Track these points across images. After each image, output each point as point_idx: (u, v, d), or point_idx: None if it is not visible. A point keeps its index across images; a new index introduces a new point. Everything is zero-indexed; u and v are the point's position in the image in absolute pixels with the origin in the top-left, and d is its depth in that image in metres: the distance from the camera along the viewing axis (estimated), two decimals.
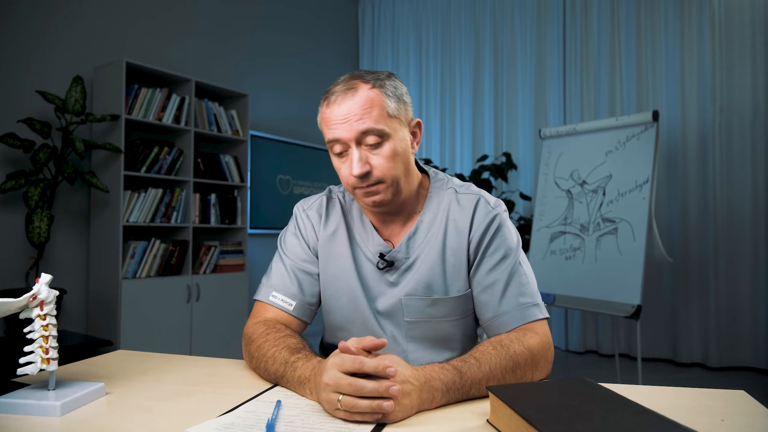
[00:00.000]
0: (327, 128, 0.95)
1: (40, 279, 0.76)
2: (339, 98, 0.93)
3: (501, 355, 0.83)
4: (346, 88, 0.93)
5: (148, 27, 3.34)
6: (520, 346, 0.86)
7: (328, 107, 0.94)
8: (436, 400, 0.75)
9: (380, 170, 0.93)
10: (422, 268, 0.99)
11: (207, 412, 0.73)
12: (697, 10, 3.66)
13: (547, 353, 0.91)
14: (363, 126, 0.91)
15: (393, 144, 0.94)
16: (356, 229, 1.05)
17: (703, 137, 3.65)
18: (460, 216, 1.00)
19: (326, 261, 1.04)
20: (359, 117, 0.91)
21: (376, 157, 0.93)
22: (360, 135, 0.92)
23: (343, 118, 0.92)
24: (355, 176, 0.92)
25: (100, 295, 2.91)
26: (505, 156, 4.15)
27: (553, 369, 0.99)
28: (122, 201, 2.85)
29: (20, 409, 0.72)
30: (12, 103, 2.66)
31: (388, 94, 0.95)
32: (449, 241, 0.99)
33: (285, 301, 1.01)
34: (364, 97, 0.92)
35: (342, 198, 1.09)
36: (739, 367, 3.49)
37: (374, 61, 5.21)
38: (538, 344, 0.89)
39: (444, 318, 0.99)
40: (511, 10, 4.48)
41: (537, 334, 0.91)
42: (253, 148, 3.93)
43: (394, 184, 0.96)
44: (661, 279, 3.73)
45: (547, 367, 0.91)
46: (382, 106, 0.93)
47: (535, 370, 0.88)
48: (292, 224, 1.09)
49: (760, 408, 0.72)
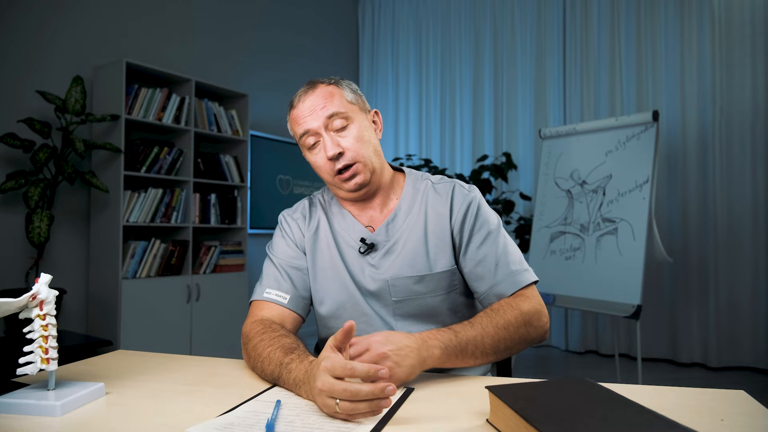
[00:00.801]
0: (297, 125, 1.05)
1: (40, 279, 0.76)
2: (302, 97, 1.05)
3: (492, 317, 0.95)
4: (306, 89, 1.06)
5: (147, 27, 3.34)
6: (511, 310, 0.97)
7: (294, 108, 1.06)
8: (434, 357, 0.86)
9: (351, 150, 1.02)
10: (405, 249, 1.05)
11: (207, 412, 0.73)
12: (697, 10, 3.66)
13: (540, 313, 0.99)
14: (328, 111, 1.02)
15: (358, 126, 1.04)
16: (336, 221, 1.11)
17: (703, 137, 3.65)
18: (439, 203, 1.08)
19: (313, 255, 1.10)
20: (323, 105, 1.03)
21: (344, 139, 1.02)
22: (327, 120, 1.02)
23: (309, 110, 1.03)
24: (329, 158, 1.01)
25: (100, 295, 2.91)
26: (505, 156, 4.15)
27: (553, 369, 1.00)
28: (122, 201, 2.85)
29: (20, 409, 0.72)
30: (12, 103, 2.66)
31: (343, 87, 1.07)
32: (430, 224, 1.06)
33: (279, 295, 1.04)
34: (324, 90, 1.05)
35: (322, 198, 1.17)
36: (739, 367, 3.49)
37: (374, 61, 5.21)
38: (530, 306, 0.98)
39: (430, 294, 1.04)
40: (511, 10, 4.48)
41: (528, 298, 1.00)
42: (253, 148, 3.93)
43: (369, 164, 1.04)
44: (661, 279, 3.73)
45: (540, 326, 0.99)
46: (341, 95, 1.05)
47: (529, 327, 0.97)
48: (278, 230, 1.15)
49: (760, 408, 0.72)
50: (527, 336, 0.97)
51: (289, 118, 1.09)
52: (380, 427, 0.67)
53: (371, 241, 1.06)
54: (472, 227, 1.05)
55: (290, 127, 1.09)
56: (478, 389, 0.84)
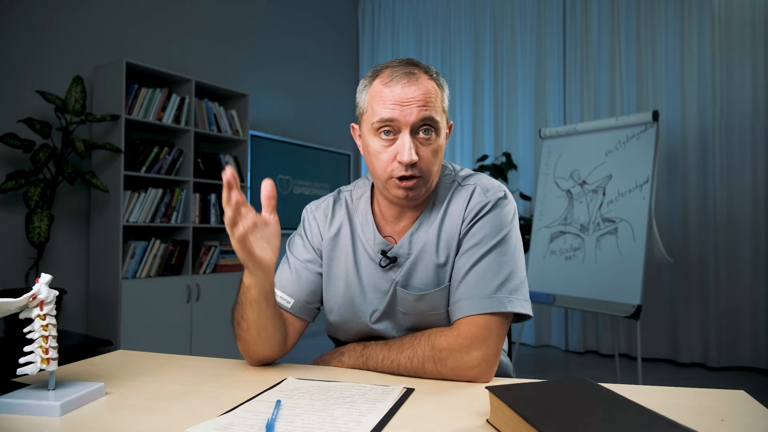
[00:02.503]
0: (381, 106, 0.90)
1: (40, 279, 0.76)
2: (402, 80, 0.90)
3: (405, 343, 0.91)
4: (406, 71, 0.91)
5: (147, 27, 3.34)
6: (425, 342, 0.89)
7: (387, 86, 0.90)
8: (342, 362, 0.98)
9: (425, 163, 0.91)
10: (419, 262, 0.98)
11: (207, 412, 0.73)
12: (697, 10, 3.66)
13: (457, 352, 0.86)
14: (426, 113, 0.89)
15: (440, 140, 0.94)
16: (360, 227, 1.04)
17: (703, 137, 3.65)
18: (456, 208, 0.98)
19: (329, 261, 1.05)
20: (423, 104, 0.89)
21: (424, 149, 0.91)
22: (419, 122, 0.90)
23: (406, 101, 0.89)
24: (403, 162, 0.89)
25: (100, 295, 2.91)
26: (505, 156, 4.15)
27: (553, 369, 0.99)
28: (122, 201, 2.85)
29: (20, 409, 0.72)
30: (12, 103, 2.66)
31: (444, 89, 0.95)
32: (443, 233, 0.97)
33: (283, 298, 1.02)
34: (428, 86, 0.91)
35: (349, 197, 1.08)
36: (739, 367, 3.49)
37: (374, 61, 5.21)
38: (447, 343, 0.87)
39: (431, 312, 0.97)
40: (511, 10, 4.48)
41: (458, 331, 0.88)
42: (253, 148, 3.93)
43: (431, 180, 0.94)
44: (661, 279, 3.73)
45: (454, 367, 0.86)
46: (441, 99, 0.94)
47: (439, 365, 0.87)
48: (301, 226, 1.10)
49: (760, 408, 0.72)
50: (437, 374, 0.87)
51: (371, 88, 0.93)
52: (380, 427, 0.67)
53: (393, 255, 0.99)
54: (466, 234, 0.95)
55: (368, 97, 0.94)
56: (478, 389, 0.84)
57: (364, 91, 0.95)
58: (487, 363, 0.87)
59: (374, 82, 0.93)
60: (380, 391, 0.80)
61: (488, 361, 0.87)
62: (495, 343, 0.88)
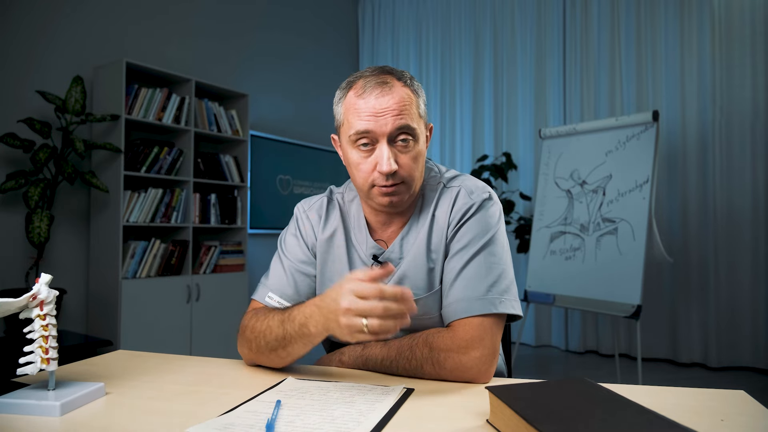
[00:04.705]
0: (356, 118, 0.91)
1: (40, 279, 0.76)
2: (375, 90, 0.90)
3: (404, 343, 0.90)
4: (379, 81, 0.91)
5: (147, 27, 3.34)
6: (423, 344, 0.88)
7: (361, 97, 0.91)
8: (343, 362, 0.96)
9: (406, 170, 0.92)
10: (409, 267, 0.98)
11: (207, 412, 0.73)
12: (697, 10, 3.66)
13: (455, 353, 0.86)
14: (401, 122, 0.89)
15: (419, 146, 0.94)
16: (353, 231, 1.04)
17: (703, 137, 3.65)
18: (442, 211, 0.98)
19: (324, 263, 1.04)
20: (397, 113, 0.89)
21: (404, 157, 0.92)
22: (395, 131, 0.90)
23: (380, 111, 0.89)
24: (383, 173, 0.90)
25: (99, 295, 2.91)
26: (505, 156, 4.15)
27: (553, 369, 0.99)
28: (122, 201, 2.85)
29: (20, 409, 0.72)
30: (12, 103, 2.66)
31: (419, 95, 0.95)
32: (433, 237, 0.98)
33: (280, 303, 1.01)
34: (402, 94, 0.91)
35: (341, 199, 1.08)
36: (739, 367, 3.49)
37: (374, 61, 5.21)
38: (444, 344, 0.87)
39: (424, 316, 0.97)
40: (511, 10, 4.48)
41: (455, 332, 0.88)
42: (253, 148, 3.93)
43: (413, 185, 0.95)
44: (661, 279, 3.73)
45: (452, 368, 0.86)
46: (416, 105, 0.93)
47: (438, 367, 0.86)
48: (293, 225, 1.09)
49: (760, 408, 0.72)
50: (436, 375, 0.87)
51: (346, 101, 0.93)
52: (380, 427, 0.67)
53: (384, 259, 0.99)
54: (452, 238, 0.95)
55: (343, 110, 0.94)
56: (478, 389, 0.84)
57: (340, 104, 0.96)
58: (485, 363, 0.87)
59: (348, 94, 0.93)
60: (380, 391, 0.80)
61: (486, 361, 0.87)
62: (491, 343, 0.88)
